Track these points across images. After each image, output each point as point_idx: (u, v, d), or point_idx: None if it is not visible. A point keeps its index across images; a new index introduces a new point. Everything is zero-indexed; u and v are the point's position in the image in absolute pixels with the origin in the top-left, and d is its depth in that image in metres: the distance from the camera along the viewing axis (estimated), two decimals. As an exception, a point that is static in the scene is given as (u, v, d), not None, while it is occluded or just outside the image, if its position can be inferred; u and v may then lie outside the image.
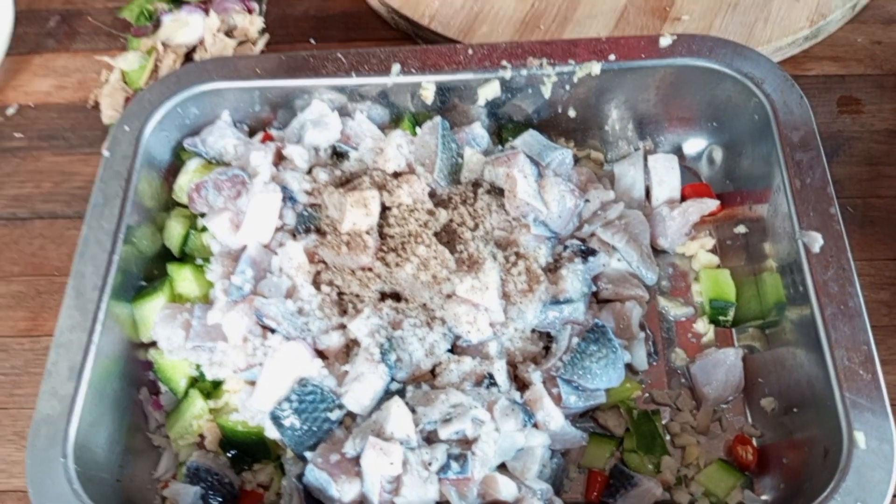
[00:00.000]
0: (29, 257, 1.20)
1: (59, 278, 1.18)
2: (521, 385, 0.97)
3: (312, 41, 1.39)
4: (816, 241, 0.92)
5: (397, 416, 0.87)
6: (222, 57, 1.13)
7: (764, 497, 0.92)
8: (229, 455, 0.98)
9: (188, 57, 1.33)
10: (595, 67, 1.07)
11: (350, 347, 0.97)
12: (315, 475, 0.86)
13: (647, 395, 1.01)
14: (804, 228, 0.94)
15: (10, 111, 1.35)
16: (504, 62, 1.09)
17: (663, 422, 0.98)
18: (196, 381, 1.01)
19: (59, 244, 1.21)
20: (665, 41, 1.07)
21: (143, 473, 0.98)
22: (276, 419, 0.90)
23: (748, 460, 0.95)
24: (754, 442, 0.96)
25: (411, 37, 1.35)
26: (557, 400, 0.93)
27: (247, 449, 0.97)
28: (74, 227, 1.22)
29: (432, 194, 1.06)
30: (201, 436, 0.99)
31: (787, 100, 1.03)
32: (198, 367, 0.99)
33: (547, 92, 1.10)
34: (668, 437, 0.97)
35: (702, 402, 0.99)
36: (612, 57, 1.07)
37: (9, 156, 1.30)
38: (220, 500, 0.94)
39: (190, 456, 0.98)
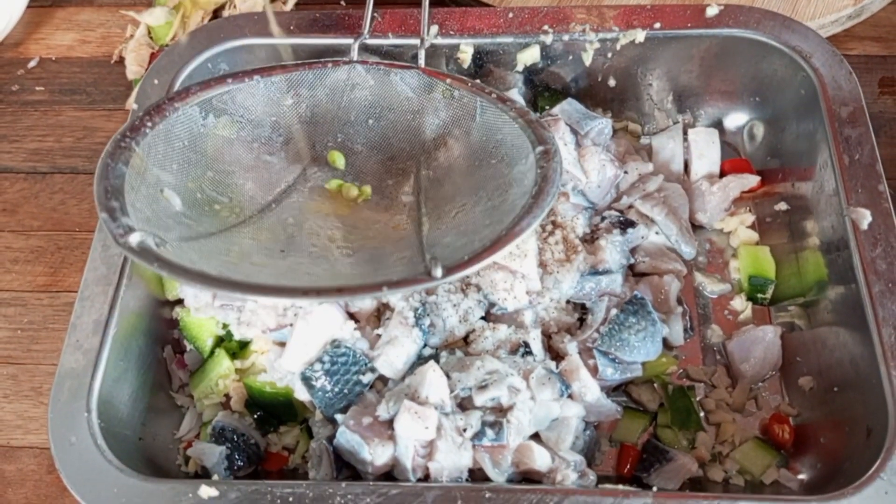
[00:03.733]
0: (49, 212, 1.18)
1: (80, 234, 1.15)
2: (555, 355, 0.95)
3: (343, 2, 1.36)
4: (865, 217, 0.90)
5: (432, 381, 0.85)
6: (255, 12, 1.11)
7: (801, 476, 0.90)
8: (255, 416, 0.96)
9: (216, 14, 1.30)
10: (639, 35, 1.04)
11: (381, 311, 0.95)
12: (347, 437, 0.84)
13: (681, 370, 0.99)
14: (852, 205, 0.92)
15: (32, 64, 1.31)
16: (545, 27, 1.06)
17: (697, 398, 0.96)
18: (222, 341, 0.98)
19: (80, 200, 1.19)
20: (711, 11, 1.04)
21: (165, 433, 0.96)
22: (307, 380, 0.88)
23: (784, 439, 0.93)
24: (791, 421, 0.94)
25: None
26: (594, 372, 0.91)
27: (273, 410, 0.95)
28: (96, 182, 1.19)
29: (468, 159, 1.04)
30: (227, 396, 0.96)
31: (836, 75, 1.00)
32: (225, 326, 0.97)
33: (588, 59, 1.07)
34: (702, 414, 0.96)
35: (738, 380, 0.97)
36: (657, 25, 1.04)
37: (29, 109, 1.27)
38: (245, 460, 0.92)
39: (213, 416, 0.95)
